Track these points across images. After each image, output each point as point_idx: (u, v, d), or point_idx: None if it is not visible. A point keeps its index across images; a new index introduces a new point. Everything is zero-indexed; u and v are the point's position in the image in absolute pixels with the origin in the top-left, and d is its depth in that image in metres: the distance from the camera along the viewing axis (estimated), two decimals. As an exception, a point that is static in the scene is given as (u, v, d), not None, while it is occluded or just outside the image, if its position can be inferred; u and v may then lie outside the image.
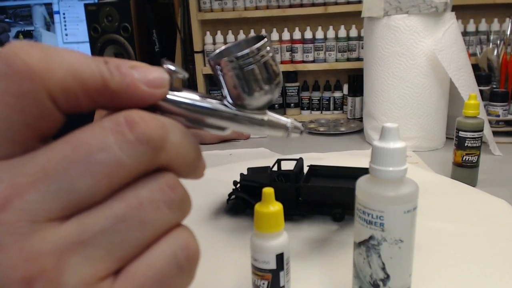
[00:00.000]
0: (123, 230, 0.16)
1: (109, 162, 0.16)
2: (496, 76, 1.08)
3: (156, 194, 0.17)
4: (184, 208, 0.19)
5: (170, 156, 0.18)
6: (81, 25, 1.51)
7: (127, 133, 0.16)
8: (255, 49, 0.21)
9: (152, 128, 0.17)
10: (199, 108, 0.21)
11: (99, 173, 0.16)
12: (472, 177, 0.69)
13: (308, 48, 1.25)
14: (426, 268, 0.43)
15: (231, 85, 0.22)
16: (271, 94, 0.23)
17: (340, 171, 0.57)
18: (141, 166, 0.17)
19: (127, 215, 0.16)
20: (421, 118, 0.89)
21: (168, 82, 0.19)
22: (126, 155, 0.16)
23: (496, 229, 0.51)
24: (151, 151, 0.17)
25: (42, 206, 0.15)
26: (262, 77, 0.22)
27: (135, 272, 0.17)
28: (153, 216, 0.17)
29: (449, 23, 0.85)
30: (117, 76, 0.17)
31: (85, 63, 0.17)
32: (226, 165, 0.80)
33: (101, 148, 0.16)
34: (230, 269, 0.45)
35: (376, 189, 0.32)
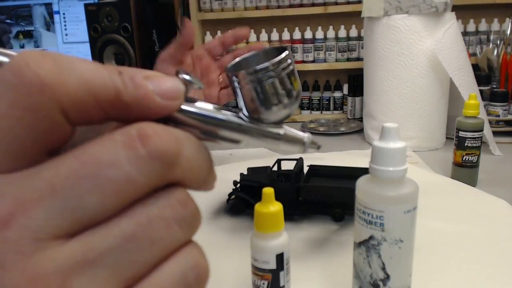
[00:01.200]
0: (131, 250, 0.16)
1: (119, 179, 0.15)
2: (496, 76, 1.08)
3: (167, 211, 0.16)
4: (194, 225, 0.18)
5: (183, 171, 0.17)
6: (81, 25, 1.51)
7: (139, 148, 0.16)
8: (275, 62, 0.20)
9: (165, 143, 0.16)
10: (214, 120, 0.20)
11: (108, 190, 0.15)
12: (472, 177, 0.69)
13: (308, 48, 1.25)
14: (426, 268, 0.43)
15: (248, 98, 0.21)
16: (290, 108, 0.22)
17: (340, 171, 0.57)
18: (152, 182, 0.16)
19: (136, 233, 0.16)
20: (421, 118, 0.89)
21: (183, 94, 0.18)
22: (137, 172, 0.15)
23: (496, 229, 0.51)
24: (163, 167, 0.16)
25: (48, 224, 0.15)
26: (282, 91, 0.21)
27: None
28: (162, 235, 0.16)
29: (449, 23, 0.85)
30: (131, 87, 0.17)
31: (98, 74, 0.16)
32: (226, 165, 0.80)
33: (111, 164, 0.15)
34: (230, 269, 0.45)
35: (376, 189, 0.32)
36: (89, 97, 0.16)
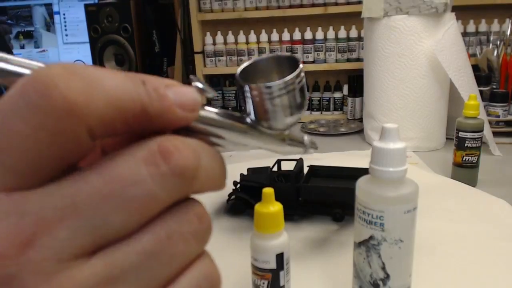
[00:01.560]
0: (152, 266, 0.16)
1: (143, 197, 0.15)
2: (496, 76, 1.08)
3: (185, 226, 0.17)
4: (208, 237, 0.18)
5: (202, 183, 0.17)
6: (81, 25, 1.51)
7: (161, 165, 0.15)
8: (292, 78, 0.21)
9: (186, 158, 0.16)
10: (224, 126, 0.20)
11: (131, 208, 0.15)
12: (472, 177, 0.69)
13: (308, 49, 1.26)
14: (426, 268, 0.43)
15: (259, 108, 0.21)
16: (297, 117, 0.22)
17: (340, 172, 0.57)
18: (174, 198, 0.16)
19: (157, 250, 0.16)
20: (421, 119, 0.89)
21: (200, 105, 0.18)
22: (160, 189, 0.15)
23: (496, 229, 0.51)
24: (185, 182, 0.16)
25: (70, 244, 0.14)
26: (292, 105, 0.21)
27: None
28: (181, 250, 0.16)
29: (449, 23, 0.85)
30: (156, 100, 0.16)
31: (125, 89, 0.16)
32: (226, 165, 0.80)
33: (134, 182, 0.15)
34: (230, 269, 0.45)
35: (376, 189, 0.32)
36: (116, 114, 0.15)
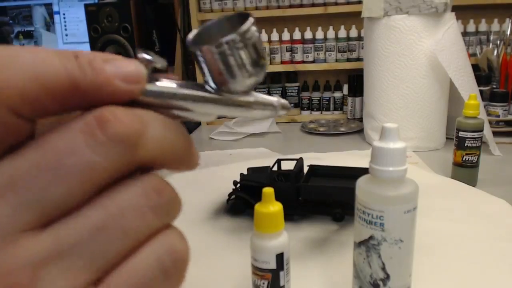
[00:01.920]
0: (103, 240, 0.15)
1: (81, 167, 0.15)
2: (496, 76, 1.08)
3: (140, 199, 0.16)
4: (172, 211, 0.17)
5: (152, 152, 0.16)
6: (81, 25, 1.51)
7: (98, 133, 0.15)
8: (241, 32, 0.20)
9: (126, 125, 0.15)
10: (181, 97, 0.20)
11: (71, 179, 0.15)
12: (472, 177, 0.69)
13: (308, 48, 1.25)
14: (426, 268, 0.43)
15: (214, 70, 0.20)
16: (257, 76, 0.21)
17: (340, 171, 0.57)
18: (117, 167, 0.16)
19: (107, 224, 0.15)
20: (421, 118, 0.89)
21: (145, 76, 0.18)
22: (99, 157, 0.15)
23: (496, 229, 0.51)
24: (126, 150, 0.16)
25: (13, 219, 0.14)
26: (248, 60, 0.20)
27: (116, 281, 0.16)
28: (136, 224, 0.16)
29: (449, 23, 0.85)
30: (89, 73, 0.16)
31: (48, 62, 0.15)
32: (226, 165, 0.80)
33: (71, 152, 0.15)
34: (230, 269, 0.45)
35: (376, 189, 0.32)
36: (41, 90, 0.15)
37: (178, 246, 0.17)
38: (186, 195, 0.76)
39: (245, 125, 1.12)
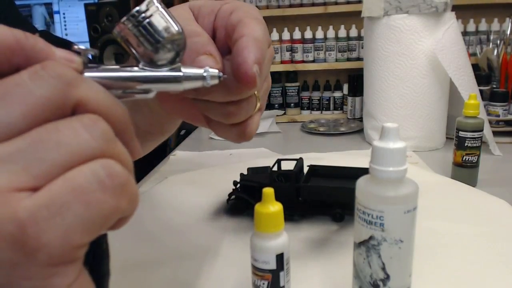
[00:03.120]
0: (39, 150, 0.17)
1: (23, 94, 0.18)
2: (496, 76, 1.08)
3: (75, 122, 0.18)
4: (108, 139, 0.19)
5: (87, 95, 0.19)
6: (81, 25, 1.51)
7: (39, 71, 0.18)
8: (144, 5, 0.23)
9: (63, 67, 0.19)
10: (116, 78, 0.23)
11: (14, 104, 0.17)
12: (472, 177, 0.69)
13: (308, 48, 1.25)
14: (426, 268, 0.43)
15: (134, 45, 0.24)
16: (174, 46, 0.24)
17: (340, 171, 0.57)
18: (54, 96, 0.18)
19: (44, 138, 0.18)
20: (421, 118, 0.89)
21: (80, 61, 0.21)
22: (38, 87, 0.18)
23: (496, 229, 0.51)
24: (63, 83, 0.18)
25: None
26: (158, 29, 0.24)
27: (53, 185, 0.18)
28: (70, 139, 0.18)
29: (449, 23, 0.85)
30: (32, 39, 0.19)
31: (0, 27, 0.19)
32: (226, 165, 0.80)
33: (16, 84, 0.18)
34: (230, 269, 0.45)
35: (376, 189, 0.32)
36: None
37: (115, 167, 0.19)
38: (186, 195, 0.76)
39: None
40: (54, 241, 0.17)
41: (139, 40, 0.24)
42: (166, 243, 0.51)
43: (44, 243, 0.17)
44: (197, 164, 0.84)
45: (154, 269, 0.45)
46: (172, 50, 0.25)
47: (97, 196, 0.18)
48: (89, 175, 0.18)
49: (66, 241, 0.17)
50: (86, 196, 0.18)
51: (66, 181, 0.18)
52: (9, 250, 0.16)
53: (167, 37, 0.24)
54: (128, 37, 0.24)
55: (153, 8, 0.24)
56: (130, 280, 0.43)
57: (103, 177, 0.18)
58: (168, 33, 0.24)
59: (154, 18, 0.24)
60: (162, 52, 0.24)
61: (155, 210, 0.60)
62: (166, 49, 0.24)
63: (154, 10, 0.24)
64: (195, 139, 1.14)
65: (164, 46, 0.24)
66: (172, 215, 0.58)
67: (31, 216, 0.17)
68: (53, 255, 0.17)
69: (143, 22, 0.23)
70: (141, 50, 0.24)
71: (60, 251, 0.17)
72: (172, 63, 0.25)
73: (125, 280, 0.43)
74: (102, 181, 0.18)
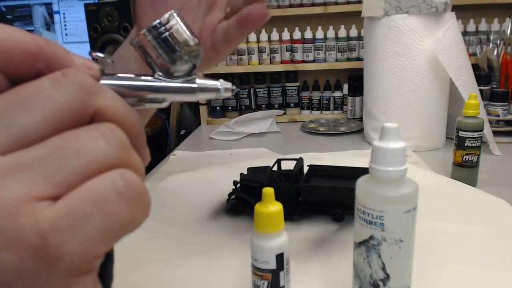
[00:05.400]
0: (59, 158, 0.17)
1: (45, 101, 0.18)
2: (496, 76, 1.08)
3: (94, 131, 0.19)
4: (125, 148, 0.19)
5: (106, 104, 0.20)
6: (81, 25, 1.51)
7: (61, 79, 0.18)
8: (164, 18, 0.24)
9: (85, 76, 0.19)
10: (132, 86, 0.24)
11: (35, 111, 0.18)
12: (472, 177, 0.69)
13: (308, 48, 1.25)
14: (426, 268, 0.43)
15: (153, 56, 0.24)
16: (191, 59, 0.25)
17: (340, 171, 0.57)
18: (74, 105, 0.18)
19: (63, 146, 0.18)
20: (421, 118, 0.89)
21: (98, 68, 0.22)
22: (59, 95, 0.18)
23: (496, 229, 0.51)
24: (83, 92, 0.19)
25: None
26: (177, 42, 0.24)
27: (72, 195, 0.18)
28: (89, 147, 0.18)
29: (449, 23, 0.85)
30: (52, 46, 0.20)
31: (21, 32, 0.19)
32: (226, 165, 0.80)
33: (37, 91, 0.18)
34: (230, 269, 0.45)
35: (376, 189, 0.32)
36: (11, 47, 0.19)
37: (132, 176, 0.19)
38: (186, 194, 0.76)
39: (245, 125, 1.12)
40: (75, 251, 0.17)
41: (158, 51, 0.24)
42: (166, 243, 0.51)
43: (65, 253, 0.17)
44: (197, 164, 0.84)
45: (154, 268, 0.45)
46: (189, 61, 0.25)
47: (115, 206, 0.18)
48: (108, 185, 0.18)
49: (86, 251, 0.17)
50: (105, 206, 0.18)
51: (86, 191, 0.18)
52: (31, 260, 0.16)
53: (186, 50, 0.25)
54: (147, 48, 0.24)
55: (174, 20, 0.24)
56: (130, 280, 0.43)
57: (121, 187, 0.18)
58: (187, 46, 0.25)
59: (174, 31, 0.24)
60: (180, 63, 0.25)
61: (155, 210, 0.60)
62: (183, 61, 0.25)
63: (174, 23, 0.24)
64: (195, 139, 1.14)
65: (182, 58, 0.25)
66: (172, 215, 0.58)
67: (52, 226, 0.17)
68: (73, 265, 0.17)
69: (164, 34, 0.24)
70: (159, 61, 0.24)
71: (81, 261, 0.17)
72: (188, 74, 0.25)
73: (125, 280, 0.43)
74: (120, 191, 0.18)
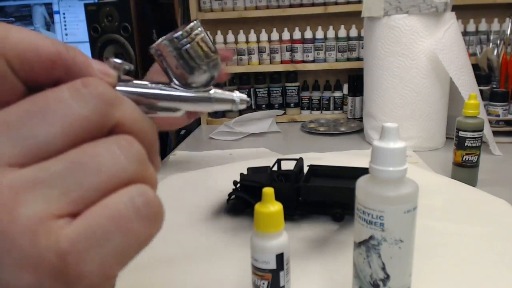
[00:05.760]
0: (78, 174, 0.17)
1: (65, 112, 0.17)
2: (496, 76, 1.08)
3: (113, 145, 0.18)
4: (143, 163, 0.19)
5: (126, 116, 0.19)
6: (81, 25, 1.51)
7: (81, 89, 0.18)
8: (187, 29, 0.23)
9: (106, 87, 0.19)
10: (149, 95, 0.23)
11: (55, 122, 0.17)
12: (472, 177, 0.69)
13: (308, 48, 1.25)
14: (426, 268, 0.43)
15: (172, 66, 0.24)
16: (210, 70, 0.25)
17: (340, 171, 0.57)
18: (95, 117, 0.18)
19: (83, 161, 0.17)
20: (421, 118, 0.89)
21: (115, 75, 0.21)
22: (80, 106, 0.18)
23: (496, 229, 0.51)
24: (104, 104, 0.18)
25: (2, 151, 0.17)
26: (198, 54, 0.24)
27: (91, 212, 0.17)
28: (109, 163, 0.18)
29: (449, 23, 0.85)
30: (71, 51, 0.19)
31: (41, 37, 0.19)
32: (226, 165, 0.80)
33: (57, 101, 0.17)
34: (230, 269, 0.45)
35: (376, 189, 0.32)
36: (32, 53, 0.18)
37: (150, 193, 0.19)
38: (186, 194, 0.76)
39: (245, 125, 1.12)
40: (94, 271, 0.17)
41: (178, 62, 0.24)
42: (166, 243, 0.51)
43: (84, 273, 0.16)
44: (197, 164, 0.84)
45: (154, 269, 0.45)
46: (208, 72, 0.25)
47: (134, 225, 0.18)
48: (127, 203, 0.18)
49: (105, 271, 0.17)
50: (124, 225, 0.17)
51: (105, 208, 0.17)
52: (50, 280, 0.16)
53: (206, 61, 0.24)
54: (167, 58, 0.24)
55: (196, 31, 0.24)
56: (130, 280, 0.43)
57: (140, 205, 0.18)
58: (207, 58, 0.24)
59: (196, 43, 0.24)
60: (199, 74, 0.24)
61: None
62: (202, 72, 0.24)
63: (196, 33, 0.24)
64: (195, 139, 1.14)
65: (201, 70, 0.24)
66: (172, 215, 0.57)
67: (72, 246, 0.16)
68: (92, 285, 0.17)
69: (186, 46, 0.23)
70: (178, 71, 0.24)
71: (99, 280, 0.17)
72: (205, 85, 0.25)
73: (125, 280, 0.43)
74: (138, 210, 0.18)
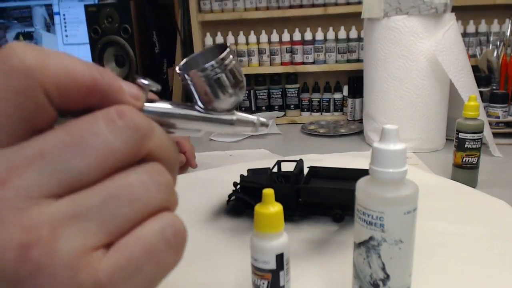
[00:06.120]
0: (113, 206, 0.18)
1: (101, 145, 0.18)
2: (496, 77, 1.08)
3: (144, 176, 0.19)
4: (171, 191, 0.20)
5: (156, 145, 0.20)
6: (81, 26, 1.51)
7: (117, 121, 0.18)
8: (219, 59, 0.24)
9: (140, 118, 0.19)
10: (173, 115, 0.24)
11: (91, 154, 0.17)
12: (472, 179, 0.69)
13: (308, 50, 1.25)
14: (426, 268, 0.43)
15: (200, 92, 0.24)
16: (237, 96, 0.25)
17: (340, 173, 0.57)
18: (129, 149, 0.18)
19: (117, 193, 0.18)
20: (421, 120, 0.89)
21: (144, 97, 0.22)
22: (116, 139, 0.18)
23: (496, 230, 0.51)
24: (139, 136, 0.19)
25: (38, 184, 0.17)
26: (228, 83, 0.24)
27: (125, 243, 0.18)
28: (141, 194, 0.18)
29: (449, 24, 0.85)
30: (106, 77, 0.20)
31: (77, 63, 0.19)
32: (226, 166, 0.80)
33: (93, 133, 0.18)
34: (230, 269, 0.45)
35: (376, 191, 0.32)
36: (69, 81, 0.18)
37: (178, 222, 0.20)
38: (187, 196, 0.76)
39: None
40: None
41: (207, 89, 0.24)
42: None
43: None
44: (197, 165, 0.84)
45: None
46: (234, 96, 0.25)
47: (164, 255, 0.19)
48: (158, 234, 0.18)
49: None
50: (155, 256, 0.18)
51: (138, 240, 0.18)
52: None
53: (233, 91, 0.25)
54: (197, 85, 0.24)
55: (229, 60, 0.24)
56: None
57: (169, 236, 0.19)
58: (236, 87, 0.25)
59: (227, 73, 0.24)
60: (225, 100, 0.25)
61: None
62: (229, 97, 0.25)
63: (229, 63, 0.24)
64: (195, 139, 1.14)
65: (229, 98, 0.25)
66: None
67: (109, 278, 0.17)
68: None
69: (217, 75, 0.24)
70: (205, 97, 0.24)
71: None
72: (229, 110, 0.26)
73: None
74: (168, 240, 0.19)
